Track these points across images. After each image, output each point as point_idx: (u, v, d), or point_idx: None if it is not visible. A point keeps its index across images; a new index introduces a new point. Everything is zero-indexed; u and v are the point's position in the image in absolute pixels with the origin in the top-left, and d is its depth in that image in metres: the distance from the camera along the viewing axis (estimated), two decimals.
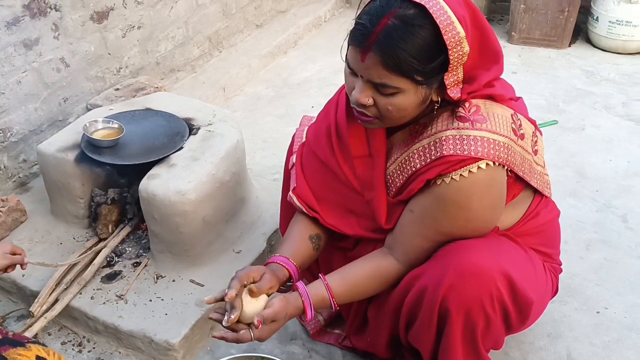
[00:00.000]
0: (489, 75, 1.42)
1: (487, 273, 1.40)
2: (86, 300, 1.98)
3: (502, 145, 1.39)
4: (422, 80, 1.34)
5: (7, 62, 2.32)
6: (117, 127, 2.17)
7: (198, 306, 1.95)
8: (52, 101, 2.55)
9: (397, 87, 1.34)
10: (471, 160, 1.37)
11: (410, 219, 1.51)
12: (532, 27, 3.85)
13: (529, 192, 1.59)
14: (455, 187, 1.39)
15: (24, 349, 1.18)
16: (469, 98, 1.41)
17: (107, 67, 2.79)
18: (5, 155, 2.41)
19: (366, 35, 1.31)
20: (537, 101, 3.28)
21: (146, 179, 1.98)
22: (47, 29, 2.45)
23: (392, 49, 1.29)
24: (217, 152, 2.09)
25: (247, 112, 3.31)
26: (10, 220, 2.24)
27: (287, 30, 3.95)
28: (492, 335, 1.51)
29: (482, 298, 1.41)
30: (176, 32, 3.19)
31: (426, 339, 1.54)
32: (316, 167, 1.69)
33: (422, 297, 1.47)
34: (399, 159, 1.52)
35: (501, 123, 1.41)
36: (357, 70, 1.38)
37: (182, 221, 1.97)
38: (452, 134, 1.39)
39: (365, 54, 1.32)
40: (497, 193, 1.45)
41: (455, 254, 1.44)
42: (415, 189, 1.46)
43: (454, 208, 1.43)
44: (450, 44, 1.30)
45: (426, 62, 1.31)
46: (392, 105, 1.37)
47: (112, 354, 1.95)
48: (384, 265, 1.56)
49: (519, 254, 1.54)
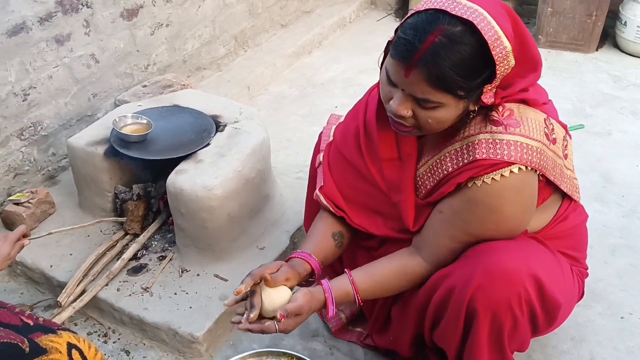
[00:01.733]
0: (525, 83, 1.42)
1: (516, 274, 1.40)
2: (112, 292, 2.01)
3: (535, 150, 1.39)
4: (464, 95, 1.33)
5: (39, 57, 2.36)
6: (146, 123, 2.20)
7: (222, 300, 1.97)
8: (81, 96, 2.59)
9: (439, 102, 1.33)
10: (504, 164, 1.37)
11: (439, 219, 1.51)
12: (559, 30, 3.82)
13: (558, 195, 1.59)
14: (486, 190, 1.39)
15: (56, 336, 1.21)
16: (502, 102, 1.41)
17: (135, 64, 2.83)
18: (36, 149, 2.46)
19: (412, 51, 1.29)
20: (563, 105, 3.25)
21: (174, 174, 2.01)
22: (79, 25, 2.49)
23: (438, 68, 1.28)
24: (243, 149, 2.11)
25: (272, 111, 3.33)
26: (39, 212, 2.29)
27: (312, 31, 3.97)
28: (519, 336, 1.50)
29: (510, 299, 1.40)
30: (203, 31, 3.23)
31: (452, 339, 1.54)
32: (343, 167, 1.70)
33: (449, 297, 1.47)
34: (429, 161, 1.52)
35: (534, 128, 1.41)
36: (398, 83, 1.36)
37: (208, 216, 1.99)
38: (485, 138, 1.39)
39: (410, 70, 1.30)
40: (528, 197, 1.44)
41: (484, 254, 1.44)
42: (446, 192, 1.46)
43: (485, 211, 1.43)
44: (498, 59, 1.30)
45: (471, 79, 1.31)
46: (432, 119, 1.37)
47: (137, 345, 1.98)
48: (410, 264, 1.56)
49: (547, 256, 1.53)
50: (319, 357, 1.91)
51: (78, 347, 1.22)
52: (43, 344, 1.18)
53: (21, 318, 1.26)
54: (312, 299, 1.46)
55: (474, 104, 1.39)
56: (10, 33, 2.22)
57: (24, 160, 2.42)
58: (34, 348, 1.16)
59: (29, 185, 2.45)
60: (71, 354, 1.20)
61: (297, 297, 1.46)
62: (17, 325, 1.22)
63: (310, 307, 1.46)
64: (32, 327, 1.24)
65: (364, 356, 1.92)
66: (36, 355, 1.15)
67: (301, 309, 1.44)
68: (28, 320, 1.26)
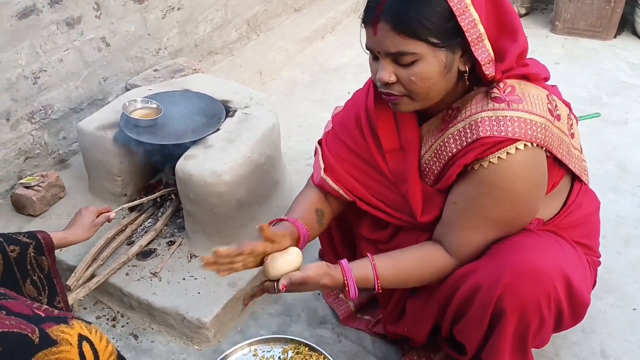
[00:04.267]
0: (517, 47, 1.39)
1: (546, 274, 1.37)
2: (121, 276, 2.01)
3: (539, 125, 1.36)
4: (438, 43, 1.32)
5: (49, 40, 2.36)
6: (156, 107, 2.19)
7: (230, 287, 1.97)
8: (92, 80, 2.59)
9: (414, 53, 1.33)
10: (508, 141, 1.34)
11: (454, 211, 1.47)
12: (577, 17, 3.75)
13: (568, 179, 1.56)
14: (495, 170, 1.36)
15: (67, 327, 1.20)
16: (503, 78, 1.39)
17: (146, 48, 2.81)
18: (46, 132, 2.46)
19: (374, 7, 1.34)
20: (579, 93, 3.20)
21: (183, 160, 2.00)
22: (89, 8, 2.48)
23: (400, 13, 1.30)
24: (253, 135, 2.09)
25: (283, 96, 3.31)
26: (49, 195, 2.29)
27: (325, 15, 3.93)
28: (542, 335, 1.48)
29: (539, 299, 1.38)
30: (215, 15, 3.20)
31: (474, 336, 1.51)
32: (346, 154, 1.67)
33: (474, 294, 1.44)
34: (433, 146, 1.50)
35: (537, 103, 1.39)
36: (373, 47, 1.38)
37: (216, 202, 1.98)
38: (488, 115, 1.37)
39: (376, 25, 1.34)
40: (539, 173, 1.41)
41: (512, 252, 1.41)
42: (454, 175, 1.43)
43: (498, 191, 1.39)
44: (457, 10, 1.30)
45: (438, 22, 1.30)
46: (415, 75, 1.35)
47: (145, 330, 1.98)
48: (435, 255, 1.51)
49: (571, 252, 1.50)
50: (327, 344, 1.91)
51: (89, 340, 1.21)
52: (54, 335, 1.16)
53: (33, 309, 1.26)
54: (324, 275, 1.42)
55: (462, 63, 1.37)
56: (21, 15, 2.22)
57: (34, 143, 2.43)
58: (43, 338, 1.15)
59: (39, 169, 2.46)
60: (82, 346, 1.19)
61: (308, 267, 1.42)
62: (28, 315, 1.22)
63: (319, 282, 1.42)
64: (43, 318, 1.23)
65: (372, 344, 1.91)
66: (45, 346, 1.14)
67: (307, 279, 1.40)
68: (39, 312, 1.25)
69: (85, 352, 1.19)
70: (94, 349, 1.21)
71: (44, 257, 1.67)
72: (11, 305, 1.24)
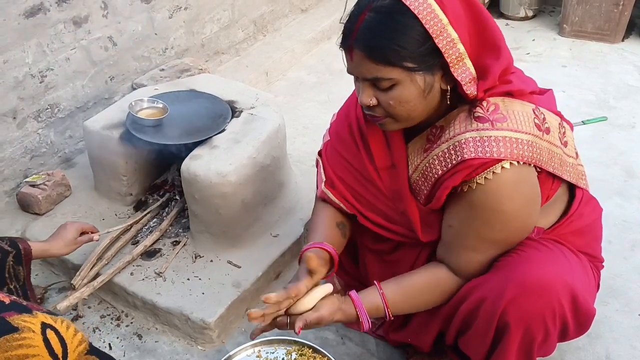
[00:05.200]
0: (500, 64, 1.36)
1: (551, 288, 1.36)
2: (126, 276, 2.01)
3: (525, 143, 1.34)
4: (414, 67, 1.30)
5: (56, 38, 2.36)
6: (162, 107, 2.19)
7: (235, 287, 1.97)
8: (98, 79, 2.59)
9: (390, 79, 1.31)
10: (494, 162, 1.32)
11: (451, 234, 1.47)
12: (585, 20, 3.73)
13: (565, 188, 1.55)
14: (483, 191, 1.35)
15: (30, 316, 1.18)
16: (486, 96, 1.36)
17: (153, 47, 2.82)
18: (52, 131, 2.47)
19: (348, 35, 1.33)
20: (586, 96, 3.19)
21: (188, 160, 2.00)
22: (97, 7, 2.48)
23: (373, 41, 1.29)
24: (258, 136, 2.09)
25: (289, 97, 3.31)
26: (55, 194, 2.30)
27: (332, 16, 3.92)
28: (547, 347, 1.47)
29: (544, 313, 1.37)
30: (222, 15, 3.20)
31: (479, 349, 1.50)
32: (344, 168, 1.65)
33: (479, 308, 1.43)
34: (419, 166, 1.48)
35: (522, 120, 1.36)
36: (351, 71, 1.38)
37: (221, 202, 1.98)
38: (472, 136, 1.34)
39: (352, 52, 1.33)
40: (528, 190, 1.39)
41: (516, 266, 1.40)
42: (443, 196, 1.41)
43: (487, 213, 1.38)
44: (433, 32, 1.27)
45: (412, 47, 1.28)
46: (393, 100, 1.34)
47: (149, 330, 1.98)
48: (442, 277, 1.50)
49: (575, 262, 1.49)
50: (331, 347, 1.90)
51: (54, 327, 1.19)
52: (15, 323, 1.15)
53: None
54: (336, 311, 1.43)
55: (444, 82, 1.35)
56: (28, 14, 2.22)
57: (40, 142, 2.43)
58: (3, 325, 1.14)
59: (45, 168, 2.46)
60: (45, 333, 1.17)
61: (321, 306, 1.42)
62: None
63: (334, 318, 1.43)
64: (7, 305, 1.21)
65: (375, 346, 1.91)
66: (6, 332, 1.13)
67: (321, 320, 1.41)
68: (4, 299, 1.24)
69: (50, 339, 1.16)
70: (60, 336, 1.18)
71: (21, 267, 1.68)
72: None
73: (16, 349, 1.11)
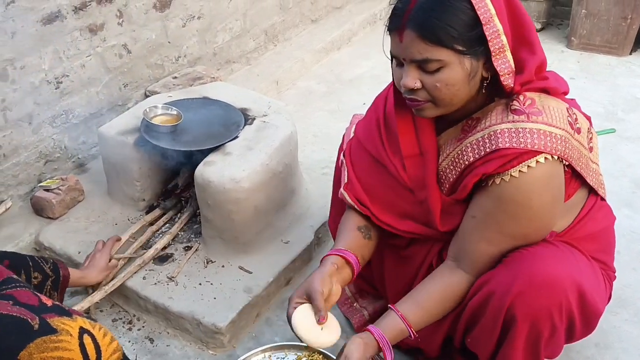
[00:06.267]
0: (536, 60, 1.41)
1: (559, 283, 1.38)
2: (138, 280, 2.03)
3: (559, 138, 1.37)
4: (464, 50, 1.34)
5: (72, 45, 2.40)
6: (176, 114, 2.22)
7: (246, 292, 1.99)
8: (112, 86, 2.63)
9: (440, 60, 1.34)
10: (529, 154, 1.35)
11: (472, 224, 1.49)
12: (593, 33, 3.76)
13: (584, 192, 1.57)
14: (514, 185, 1.37)
15: (69, 319, 1.20)
16: (523, 91, 1.40)
17: (166, 56, 2.85)
18: (67, 136, 2.50)
19: (400, 15, 1.36)
20: (595, 109, 3.21)
21: (202, 166, 2.02)
22: (112, 15, 2.52)
23: (426, 21, 1.32)
24: (271, 143, 2.12)
25: (299, 106, 3.34)
26: (68, 198, 2.32)
27: (342, 27, 3.96)
28: (554, 344, 1.49)
29: (551, 308, 1.39)
30: (234, 24, 3.24)
31: (486, 344, 1.52)
32: (367, 163, 1.68)
33: (487, 302, 1.45)
34: (451, 154, 1.51)
35: (557, 116, 1.40)
36: (398, 54, 1.40)
37: (234, 208, 2.00)
38: (508, 127, 1.38)
39: (402, 32, 1.35)
40: (556, 188, 1.43)
41: (525, 261, 1.42)
42: (470, 184, 1.44)
43: (516, 207, 1.40)
44: (483, 19, 1.32)
45: (463, 30, 1.33)
46: (440, 82, 1.37)
47: (161, 334, 2.00)
48: (455, 282, 1.53)
49: (585, 263, 1.51)
50: None
51: (91, 333, 1.22)
52: (54, 325, 1.17)
53: (40, 298, 1.27)
54: (366, 349, 1.45)
55: (485, 70, 1.39)
56: (46, 21, 2.26)
57: (55, 147, 2.46)
58: (43, 326, 1.16)
59: (58, 172, 2.49)
60: (82, 338, 1.19)
61: (350, 350, 1.45)
62: (33, 305, 1.23)
63: (366, 356, 1.46)
64: (49, 307, 1.24)
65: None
66: (44, 334, 1.15)
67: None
68: (46, 302, 1.26)
69: (87, 344, 1.18)
70: (96, 343, 1.20)
71: (56, 293, 1.76)
72: (18, 295, 1.25)
73: (52, 351, 1.13)
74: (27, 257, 1.73)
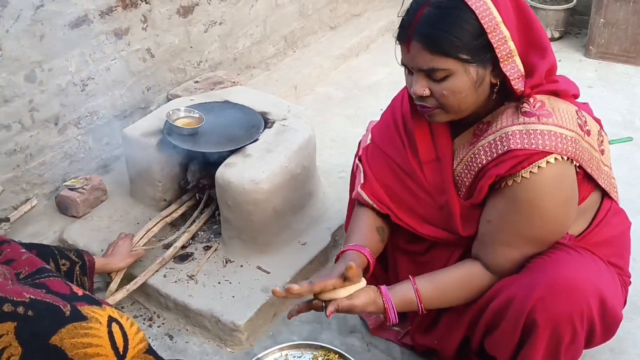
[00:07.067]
0: (546, 64, 1.44)
1: (580, 289, 1.40)
2: (159, 278, 2.08)
3: (569, 139, 1.40)
4: (468, 58, 1.38)
5: (98, 49, 2.46)
6: (198, 117, 2.27)
7: (264, 292, 2.02)
8: (136, 89, 2.69)
9: (445, 69, 1.39)
10: (540, 154, 1.38)
11: (488, 229, 1.51)
12: (611, 42, 3.76)
13: (597, 196, 1.59)
14: (526, 185, 1.40)
15: (99, 308, 1.26)
16: (533, 93, 1.44)
17: (188, 60, 2.91)
18: (91, 137, 2.56)
19: (406, 27, 1.42)
20: (612, 117, 3.21)
21: (223, 167, 2.07)
22: (137, 20, 2.58)
23: (431, 33, 1.37)
24: (290, 146, 2.16)
25: (317, 111, 3.37)
26: (92, 198, 2.38)
27: (361, 34, 4.00)
28: (574, 350, 1.50)
29: (572, 313, 1.40)
30: (254, 30, 3.30)
31: (505, 348, 1.53)
32: (385, 166, 1.71)
33: (508, 306, 1.47)
34: (464, 158, 1.54)
35: (567, 118, 1.43)
36: (407, 64, 1.45)
37: (253, 209, 2.04)
38: (519, 129, 1.41)
39: (409, 44, 1.40)
40: (568, 188, 1.45)
41: (547, 267, 1.44)
42: (485, 187, 1.47)
43: (528, 208, 1.43)
44: (487, 27, 1.36)
45: (468, 40, 1.36)
46: (447, 90, 1.41)
47: (180, 331, 2.04)
48: (476, 274, 1.55)
49: (604, 269, 1.53)
50: (357, 353, 1.94)
51: (119, 322, 1.27)
52: (84, 312, 1.23)
53: (71, 287, 1.32)
54: (370, 303, 1.47)
55: (493, 76, 1.42)
56: (73, 25, 2.33)
57: (79, 147, 2.52)
58: (74, 313, 1.21)
59: (82, 172, 2.55)
60: (111, 326, 1.24)
61: (356, 295, 1.46)
62: (65, 293, 1.28)
63: (366, 309, 1.47)
64: (79, 296, 1.29)
65: (400, 355, 1.94)
66: (75, 320, 1.20)
67: (353, 308, 1.45)
68: (77, 291, 1.32)
69: (115, 332, 1.23)
70: (124, 331, 1.26)
71: (85, 278, 1.82)
72: (51, 284, 1.31)
73: (82, 337, 1.18)
74: (51, 246, 1.79)
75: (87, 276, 1.81)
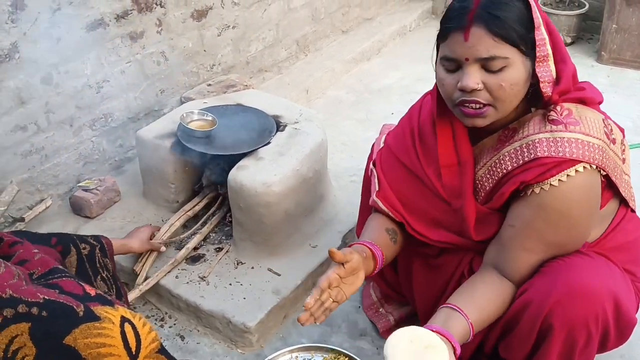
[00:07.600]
0: (569, 70, 1.45)
1: (596, 293, 1.40)
2: (171, 278, 2.10)
3: (597, 147, 1.40)
4: (525, 50, 1.38)
5: (113, 52, 2.49)
6: (211, 120, 2.30)
7: (275, 294, 2.04)
8: (150, 92, 2.72)
9: (506, 58, 1.36)
10: (568, 163, 1.38)
11: (512, 234, 1.50)
12: (623, 47, 3.76)
13: (615, 203, 1.59)
14: (555, 194, 1.40)
15: (112, 308, 1.28)
16: (560, 101, 1.43)
17: (201, 63, 2.94)
18: (105, 139, 2.59)
19: (465, 13, 1.37)
20: (624, 123, 3.15)
21: (235, 170, 2.09)
22: (152, 24, 2.61)
23: (495, 17, 1.35)
24: (302, 149, 2.18)
25: (328, 114, 3.39)
26: (105, 199, 2.41)
27: (372, 38, 4.02)
28: (587, 354, 1.50)
29: (587, 317, 1.41)
30: (267, 34, 3.32)
31: (520, 351, 1.53)
32: (399, 172, 1.71)
33: (524, 310, 1.47)
34: (488, 163, 1.54)
35: (594, 126, 1.43)
36: (461, 54, 1.38)
37: (265, 212, 2.06)
38: (546, 137, 1.41)
39: (469, 30, 1.36)
40: (594, 198, 1.46)
41: (563, 271, 1.44)
42: (507, 192, 1.47)
43: (556, 216, 1.42)
44: (537, 24, 1.37)
45: (524, 31, 1.37)
46: (505, 81, 1.37)
47: (191, 331, 2.06)
48: (506, 289, 1.52)
49: (619, 274, 1.53)
50: (367, 356, 1.96)
51: (131, 322, 1.28)
52: (97, 312, 1.24)
53: (84, 288, 1.34)
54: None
55: (532, 74, 1.42)
56: (89, 28, 2.36)
57: (93, 149, 2.55)
58: (87, 313, 1.23)
59: (96, 174, 2.58)
60: (123, 326, 1.26)
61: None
62: (78, 294, 1.31)
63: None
64: (92, 297, 1.31)
65: None
66: (88, 320, 1.22)
67: None
68: (90, 291, 1.34)
69: (127, 332, 1.25)
70: (136, 331, 1.27)
71: (107, 260, 1.85)
72: (64, 284, 1.33)
73: (95, 337, 1.20)
74: (70, 233, 1.84)
75: (107, 258, 1.85)
